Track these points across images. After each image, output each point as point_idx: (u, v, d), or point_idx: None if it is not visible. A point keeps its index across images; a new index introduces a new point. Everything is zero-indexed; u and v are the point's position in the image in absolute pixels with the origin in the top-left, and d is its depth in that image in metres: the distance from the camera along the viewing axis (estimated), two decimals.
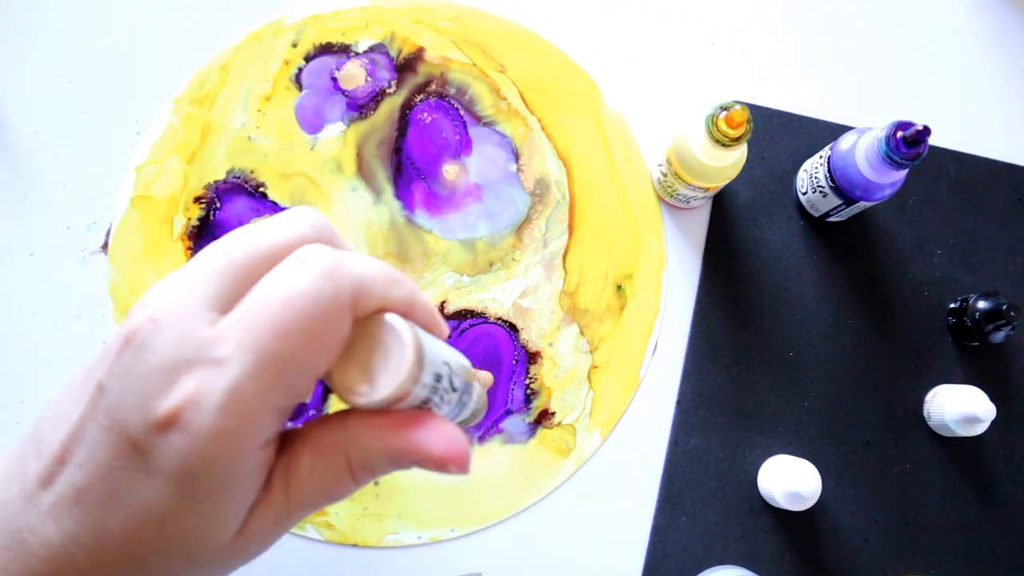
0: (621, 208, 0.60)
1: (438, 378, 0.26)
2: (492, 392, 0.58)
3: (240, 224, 0.59)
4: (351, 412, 0.26)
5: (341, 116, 0.60)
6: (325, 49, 0.61)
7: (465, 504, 0.56)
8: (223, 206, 0.59)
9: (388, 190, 0.60)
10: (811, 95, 0.63)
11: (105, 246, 0.58)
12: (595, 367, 0.58)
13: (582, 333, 0.59)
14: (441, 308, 0.59)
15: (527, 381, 0.58)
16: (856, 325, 0.59)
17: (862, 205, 0.55)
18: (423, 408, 0.27)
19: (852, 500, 0.57)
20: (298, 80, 0.61)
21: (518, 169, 0.61)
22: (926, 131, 0.48)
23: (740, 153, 0.53)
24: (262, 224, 0.26)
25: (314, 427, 0.27)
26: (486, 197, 0.60)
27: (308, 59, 0.61)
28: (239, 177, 0.59)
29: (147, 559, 0.23)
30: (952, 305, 0.59)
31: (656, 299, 0.59)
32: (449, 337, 0.58)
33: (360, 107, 0.61)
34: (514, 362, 0.58)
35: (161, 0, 0.62)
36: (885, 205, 0.61)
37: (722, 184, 0.54)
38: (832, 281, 0.60)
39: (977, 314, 0.57)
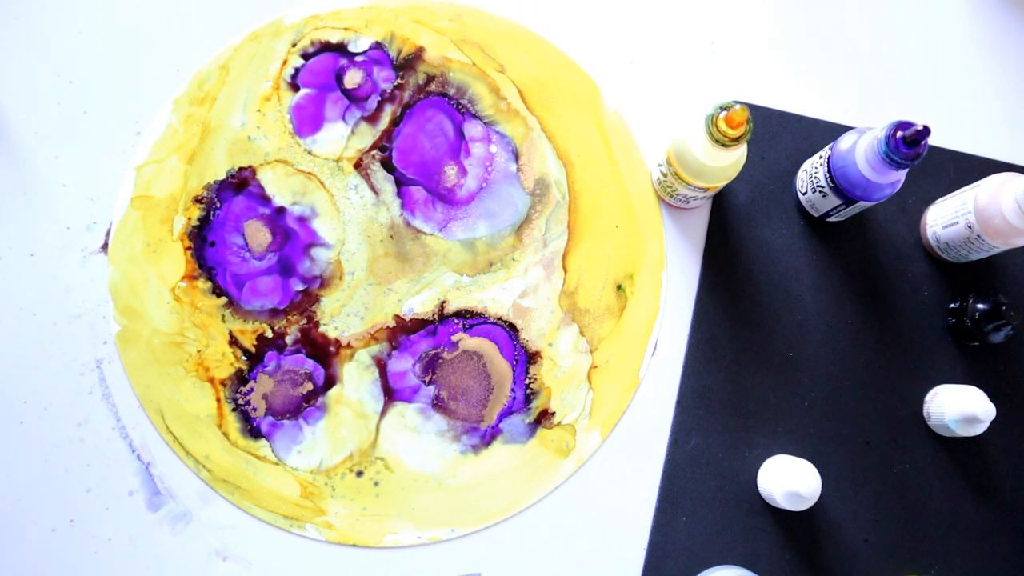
0: (621, 208, 0.60)
1: None
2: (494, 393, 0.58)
3: (240, 224, 0.59)
4: None
5: (341, 115, 0.60)
6: (325, 49, 0.61)
7: (465, 504, 0.56)
8: (223, 206, 0.59)
9: (388, 189, 0.60)
10: (811, 95, 0.63)
11: (105, 246, 0.58)
12: (595, 367, 0.58)
13: (582, 333, 0.59)
14: (441, 308, 0.59)
15: (527, 381, 0.58)
16: (856, 325, 0.59)
17: (862, 205, 0.55)
18: None
19: (852, 500, 0.57)
20: (298, 80, 0.61)
21: (518, 169, 0.61)
22: (926, 131, 0.48)
23: (740, 153, 0.53)
24: None
25: None
26: (486, 197, 0.60)
27: (307, 59, 0.61)
28: (239, 177, 0.59)
29: None
30: (952, 305, 0.59)
31: (656, 299, 0.59)
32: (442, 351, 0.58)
33: (360, 106, 0.61)
34: (514, 362, 0.58)
35: (161, 0, 0.62)
36: (885, 205, 0.61)
37: (722, 184, 0.54)
38: (832, 281, 0.60)
39: (977, 314, 0.57)
